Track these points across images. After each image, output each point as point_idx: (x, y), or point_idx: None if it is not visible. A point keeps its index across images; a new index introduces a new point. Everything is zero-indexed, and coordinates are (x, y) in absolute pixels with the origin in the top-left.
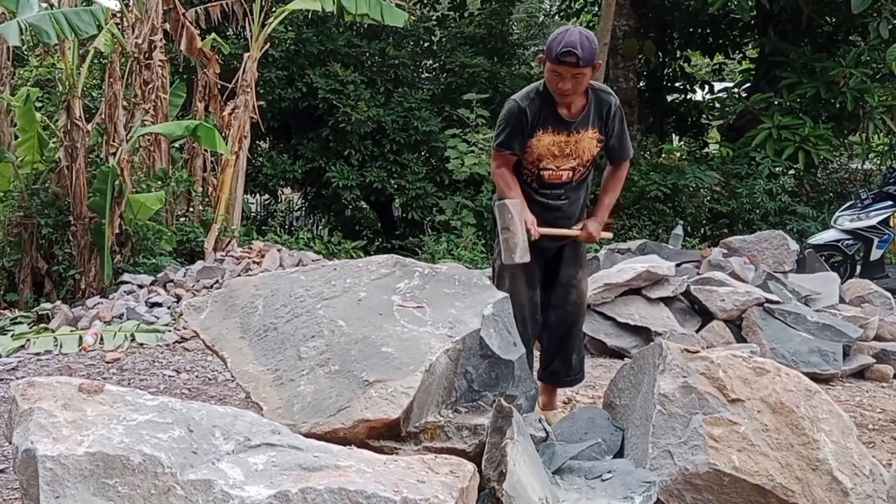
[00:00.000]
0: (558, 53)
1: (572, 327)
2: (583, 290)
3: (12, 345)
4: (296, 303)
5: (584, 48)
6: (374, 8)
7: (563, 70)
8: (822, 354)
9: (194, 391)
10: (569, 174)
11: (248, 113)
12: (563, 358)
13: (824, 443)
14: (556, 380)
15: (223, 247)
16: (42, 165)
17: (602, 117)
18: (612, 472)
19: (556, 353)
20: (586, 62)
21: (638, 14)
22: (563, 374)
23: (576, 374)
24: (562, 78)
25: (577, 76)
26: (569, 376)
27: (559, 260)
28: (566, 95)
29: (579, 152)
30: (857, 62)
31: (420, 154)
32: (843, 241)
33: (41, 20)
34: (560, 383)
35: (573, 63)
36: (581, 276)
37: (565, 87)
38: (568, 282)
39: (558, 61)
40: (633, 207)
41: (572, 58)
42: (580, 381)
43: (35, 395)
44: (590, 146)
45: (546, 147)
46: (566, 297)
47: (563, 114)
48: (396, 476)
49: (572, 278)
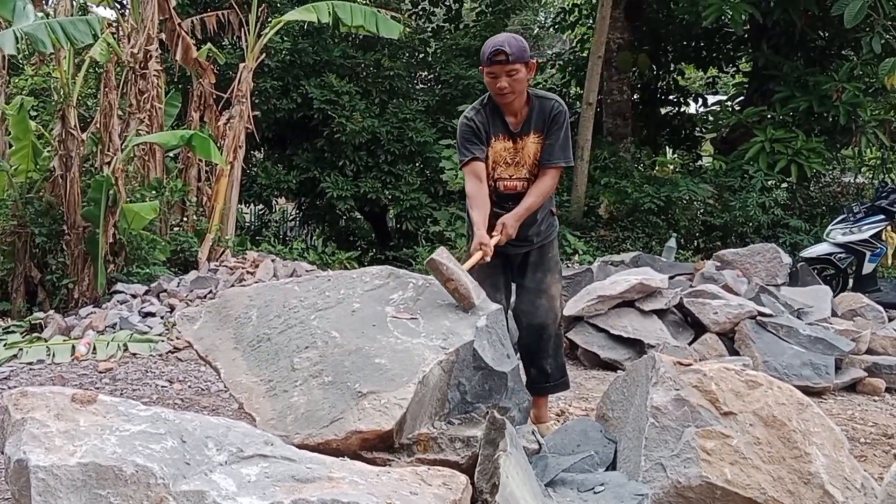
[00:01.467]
0: (489, 55)
1: (542, 332)
2: (552, 295)
3: (5, 354)
4: (290, 313)
5: (511, 45)
6: (370, 20)
7: (497, 69)
8: (814, 368)
9: (187, 402)
10: (523, 184)
11: (243, 123)
12: (537, 365)
13: (816, 456)
14: (537, 388)
15: (217, 257)
16: (36, 174)
17: (544, 121)
18: (605, 485)
19: (530, 361)
20: (516, 57)
21: (632, 27)
22: (541, 381)
23: (556, 381)
24: (497, 77)
25: (511, 73)
26: (547, 383)
27: (524, 265)
28: (505, 95)
29: (525, 159)
30: (850, 76)
31: (414, 165)
32: (835, 255)
33: (37, 29)
34: (541, 391)
35: (503, 60)
36: (549, 280)
37: (503, 86)
38: (536, 286)
39: (490, 62)
40: (627, 220)
41: (501, 55)
42: (563, 389)
43: (28, 405)
44: (535, 151)
45: (498, 153)
46: (533, 302)
47: (510, 122)
48: (389, 488)
49: (540, 283)
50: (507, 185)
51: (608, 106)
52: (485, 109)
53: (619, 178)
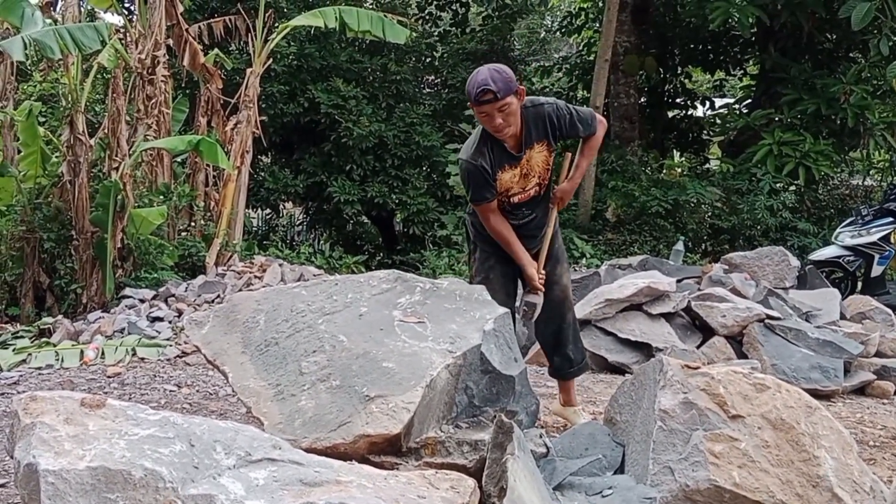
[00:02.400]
0: (475, 96)
1: (562, 322)
2: (565, 285)
3: (14, 359)
4: (297, 318)
5: (495, 81)
6: (376, 24)
7: (488, 108)
8: (822, 371)
9: (195, 406)
10: (536, 190)
11: (251, 128)
12: (561, 352)
13: (825, 459)
14: (563, 374)
15: (225, 261)
16: (45, 180)
17: (545, 128)
18: (613, 489)
19: (553, 350)
20: (504, 93)
21: (639, 30)
22: (566, 367)
23: (578, 365)
24: (491, 116)
25: (503, 108)
26: (572, 368)
27: (536, 258)
28: (502, 131)
29: (534, 168)
30: (858, 79)
31: (421, 169)
32: (843, 258)
33: (45, 36)
34: (566, 376)
35: (491, 99)
36: (560, 270)
37: (498, 123)
38: (549, 279)
39: (478, 102)
40: (635, 223)
41: (489, 95)
42: (585, 370)
43: (37, 410)
44: (542, 159)
45: (508, 181)
46: (549, 295)
47: (510, 147)
48: (397, 491)
49: (552, 274)
50: (521, 197)
51: (615, 109)
52: (485, 148)
53: (627, 181)
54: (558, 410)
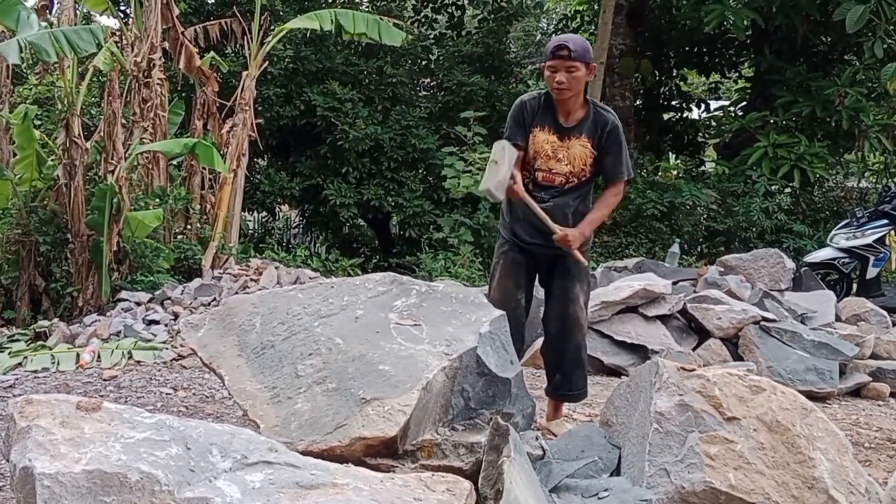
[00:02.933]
0: (552, 49)
1: (569, 341)
2: (580, 306)
3: (9, 362)
4: (293, 320)
5: (575, 43)
6: (372, 27)
7: (557, 63)
8: (818, 373)
9: (192, 409)
10: (561, 179)
11: (247, 131)
12: (563, 371)
13: (820, 461)
14: (559, 394)
15: (221, 264)
16: (40, 183)
17: (598, 131)
18: (609, 491)
19: (556, 367)
20: (578, 55)
21: (634, 33)
22: (563, 388)
23: (578, 390)
24: (557, 71)
25: (571, 69)
26: (570, 391)
27: (553, 271)
28: (562, 90)
29: (571, 158)
30: (853, 81)
31: (417, 172)
32: (839, 260)
33: (41, 39)
34: (562, 398)
35: (565, 56)
36: (578, 290)
37: (561, 80)
38: (563, 294)
39: (553, 56)
40: (630, 225)
41: (564, 50)
42: (583, 398)
43: (33, 413)
44: (581, 154)
45: (540, 144)
46: (561, 311)
47: (561, 119)
48: (393, 494)
49: (569, 292)
50: (545, 177)
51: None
52: (541, 99)
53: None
54: (544, 424)
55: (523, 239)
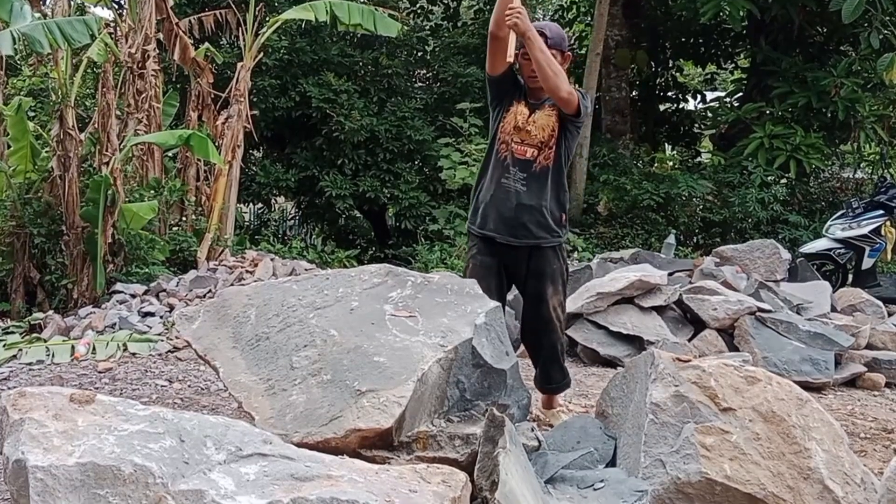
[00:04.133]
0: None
1: (543, 341)
2: (552, 306)
3: (4, 355)
4: (288, 312)
5: (551, 30)
6: (367, 18)
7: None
8: (813, 363)
9: (186, 401)
10: (533, 152)
11: (242, 122)
12: (541, 367)
13: (816, 451)
14: (540, 387)
15: (216, 256)
16: (34, 175)
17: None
18: (605, 482)
19: (535, 362)
20: (555, 43)
21: (630, 24)
22: (544, 383)
23: (558, 383)
24: (531, 60)
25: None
26: (549, 384)
27: (524, 274)
28: (535, 79)
29: (536, 131)
30: (849, 72)
31: (413, 163)
32: (834, 250)
33: (34, 30)
34: (544, 391)
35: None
36: (550, 292)
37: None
38: (536, 297)
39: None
40: (626, 216)
41: (542, 37)
42: (565, 389)
43: (26, 406)
44: (545, 122)
45: (513, 115)
46: (534, 313)
47: (531, 100)
48: (388, 486)
49: (541, 294)
50: (518, 150)
51: (607, 103)
52: (520, 79)
53: (618, 174)
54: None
55: (490, 227)
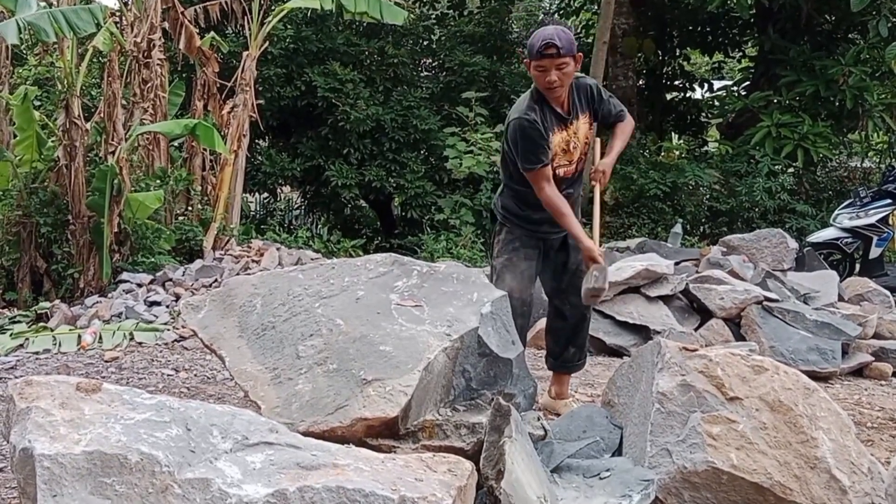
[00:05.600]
0: (539, 48)
1: (587, 311)
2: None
3: (11, 344)
4: (294, 301)
5: (561, 38)
6: (373, 6)
7: (547, 63)
8: (820, 352)
9: (193, 390)
10: (576, 167)
11: (247, 111)
12: (578, 343)
13: (823, 441)
14: (569, 366)
15: (222, 245)
16: (41, 164)
17: (588, 100)
18: (611, 471)
19: (570, 340)
20: (566, 51)
21: (637, 12)
22: (575, 360)
23: (584, 358)
24: (547, 71)
25: (561, 66)
26: (580, 360)
27: (565, 247)
28: (555, 88)
29: (580, 141)
30: (857, 60)
31: (419, 153)
32: (842, 240)
33: (40, 19)
34: (572, 368)
35: (554, 54)
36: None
37: (552, 79)
38: (578, 268)
39: (540, 56)
40: (633, 206)
41: (552, 49)
42: (584, 366)
43: (33, 394)
44: (585, 132)
45: (557, 146)
46: (577, 283)
47: (560, 111)
48: (394, 474)
49: (581, 263)
50: (566, 171)
51: (614, 92)
52: (538, 107)
53: (625, 164)
54: (549, 403)
55: (545, 231)
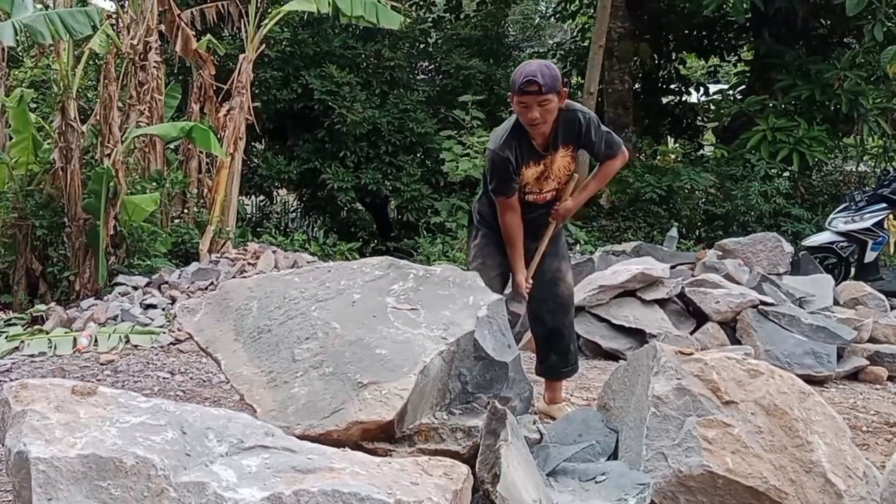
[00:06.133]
0: (521, 85)
1: (564, 318)
2: (569, 283)
3: (6, 346)
4: (290, 305)
5: (544, 76)
6: (370, 10)
7: (529, 100)
8: (816, 356)
9: (188, 393)
10: (552, 194)
11: (244, 114)
12: (560, 350)
13: (818, 445)
14: (555, 373)
15: (218, 248)
16: (36, 167)
17: (574, 134)
18: (606, 474)
19: (551, 347)
20: (549, 88)
21: (633, 16)
22: (560, 367)
23: (572, 365)
24: (529, 108)
25: (543, 103)
26: (566, 367)
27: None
28: (537, 125)
29: (556, 173)
30: (852, 64)
31: (415, 156)
32: (837, 244)
33: (36, 21)
34: (559, 376)
35: (536, 91)
36: (565, 268)
37: (534, 116)
38: (553, 275)
39: (522, 92)
40: (628, 209)
41: (534, 86)
42: (576, 372)
43: (28, 397)
44: (564, 164)
45: (529, 177)
46: (554, 290)
47: (537, 144)
48: (390, 478)
49: (556, 271)
50: (537, 198)
51: (609, 95)
52: (514, 140)
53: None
54: (543, 409)
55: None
